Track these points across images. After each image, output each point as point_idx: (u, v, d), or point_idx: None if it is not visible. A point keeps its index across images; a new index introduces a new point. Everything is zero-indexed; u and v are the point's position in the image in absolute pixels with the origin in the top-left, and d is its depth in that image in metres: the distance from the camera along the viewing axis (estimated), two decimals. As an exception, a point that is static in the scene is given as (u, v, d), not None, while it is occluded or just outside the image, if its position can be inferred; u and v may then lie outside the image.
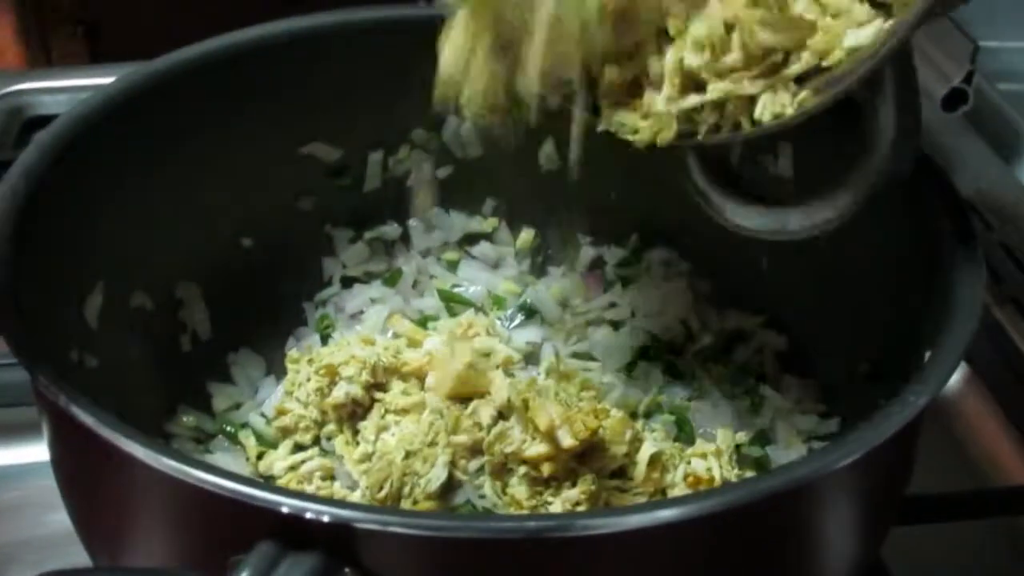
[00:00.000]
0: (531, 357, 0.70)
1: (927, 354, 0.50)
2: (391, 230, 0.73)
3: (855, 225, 0.54)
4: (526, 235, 0.74)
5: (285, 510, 0.43)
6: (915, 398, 0.47)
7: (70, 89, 0.90)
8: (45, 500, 0.58)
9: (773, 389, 0.66)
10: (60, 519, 0.55)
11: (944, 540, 0.64)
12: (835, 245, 0.56)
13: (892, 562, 0.61)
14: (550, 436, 0.56)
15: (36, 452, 0.59)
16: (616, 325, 0.71)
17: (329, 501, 0.44)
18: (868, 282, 0.61)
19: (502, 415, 0.60)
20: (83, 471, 0.52)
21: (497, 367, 0.65)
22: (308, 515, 0.42)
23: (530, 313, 0.72)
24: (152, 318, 0.64)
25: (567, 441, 0.56)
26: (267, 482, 0.60)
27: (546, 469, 0.57)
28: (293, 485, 0.61)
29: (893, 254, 0.59)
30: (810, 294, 0.66)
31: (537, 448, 0.57)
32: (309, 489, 0.61)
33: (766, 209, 0.58)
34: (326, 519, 0.42)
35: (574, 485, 0.57)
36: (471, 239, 0.74)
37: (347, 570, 0.43)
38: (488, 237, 0.74)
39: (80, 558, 0.54)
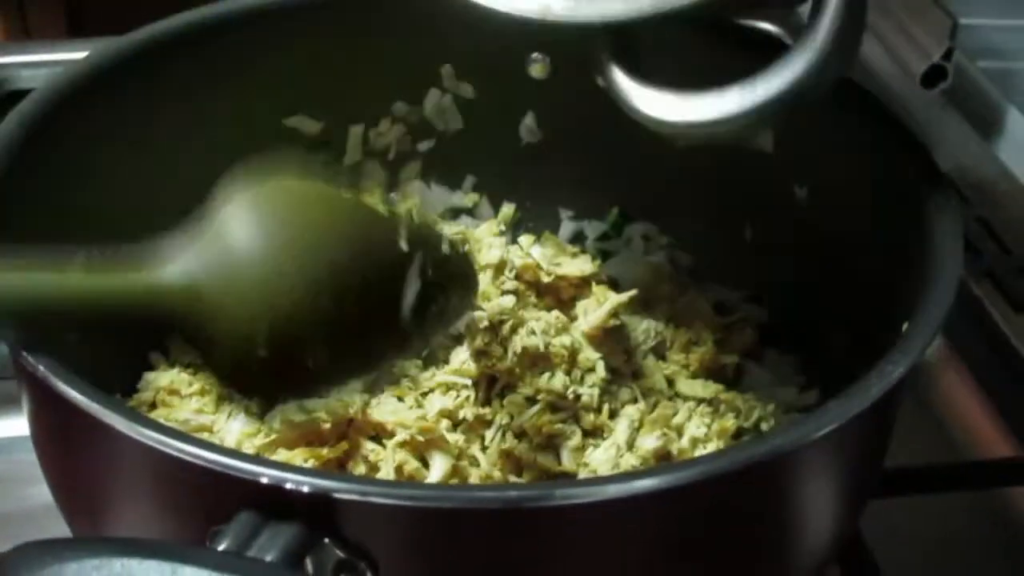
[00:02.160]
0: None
1: (905, 326, 0.50)
2: (371, 205, 0.73)
3: (838, 198, 0.54)
4: (507, 209, 0.74)
5: (265, 480, 0.43)
6: (892, 368, 0.47)
7: (48, 63, 0.90)
8: (25, 474, 0.58)
9: (754, 361, 0.66)
10: (40, 493, 0.55)
11: (920, 512, 0.65)
12: (818, 218, 0.56)
13: (868, 534, 0.61)
14: None
15: (16, 426, 0.59)
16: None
17: (309, 471, 0.44)
18: (849, 255, 0.61)
19: None
20: (63, 443, 0.52)
21: None
22: (288, 485, 0.42)
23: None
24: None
25: None
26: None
27: None
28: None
29: (875, 227, 0.59)
30: (791, 267, 0.66)
31: None
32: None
33: (678, 97, 0.51)
34: (306, 489, 0.42)
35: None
36: (452, 214, 0.74)
37: (327, 540, 0.43)
38: (469, 212, 0.74)
39: (60, 532, 0.54)
